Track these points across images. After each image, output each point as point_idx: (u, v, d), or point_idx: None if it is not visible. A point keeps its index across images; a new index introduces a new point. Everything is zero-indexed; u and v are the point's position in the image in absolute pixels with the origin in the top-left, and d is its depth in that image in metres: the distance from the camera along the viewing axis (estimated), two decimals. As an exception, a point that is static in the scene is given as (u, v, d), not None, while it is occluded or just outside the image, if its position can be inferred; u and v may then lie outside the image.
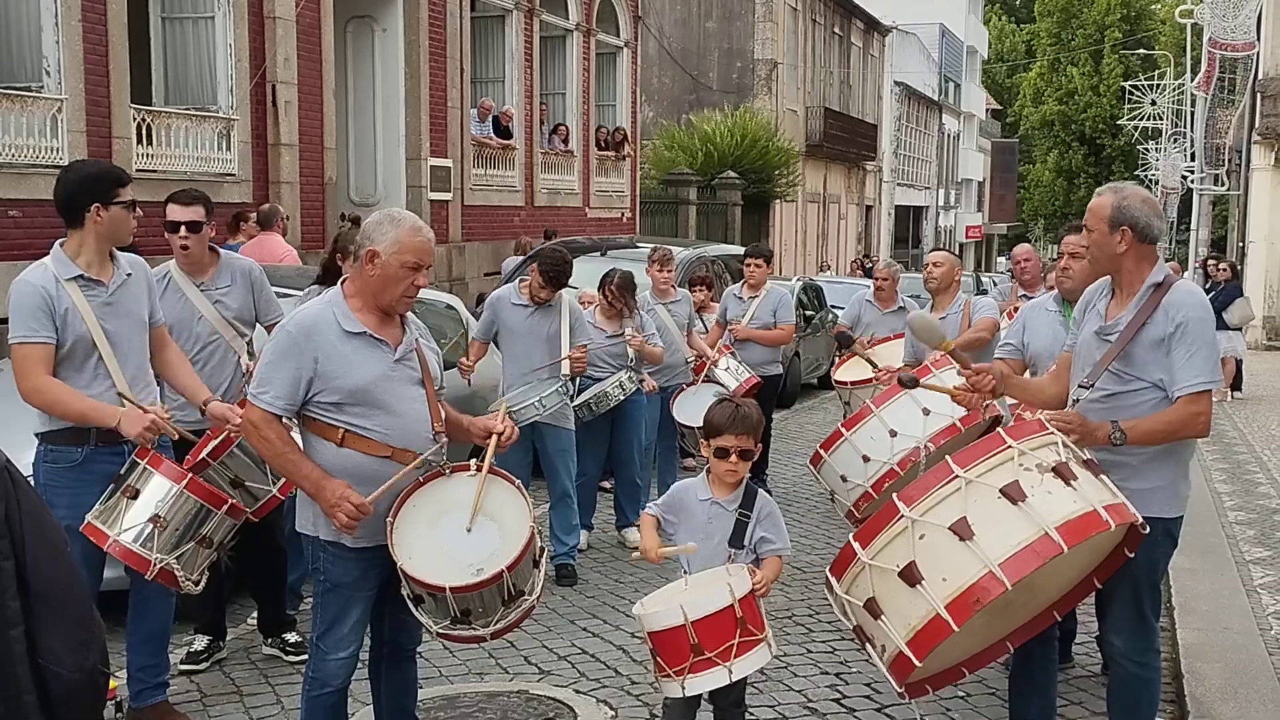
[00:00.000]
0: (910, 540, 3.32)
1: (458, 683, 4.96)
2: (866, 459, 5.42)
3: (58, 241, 4.16)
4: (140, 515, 4.04)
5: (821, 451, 5.57)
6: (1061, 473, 3.37)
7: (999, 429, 3.67)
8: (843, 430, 5.52)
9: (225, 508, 4.23)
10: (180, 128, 11.94)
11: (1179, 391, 3.62)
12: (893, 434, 5.40)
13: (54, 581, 1.99)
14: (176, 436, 4.24)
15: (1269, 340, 24.21)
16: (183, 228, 4.81)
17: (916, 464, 5.25)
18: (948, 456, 3.45)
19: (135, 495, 4.05)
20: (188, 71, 12.70)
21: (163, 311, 4.71)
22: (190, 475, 4.18)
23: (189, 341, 4.81)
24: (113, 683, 2.35)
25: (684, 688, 3.49)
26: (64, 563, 2.05)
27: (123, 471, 4.12)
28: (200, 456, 4.44)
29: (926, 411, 5.36)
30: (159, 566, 4.04)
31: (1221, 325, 15.24)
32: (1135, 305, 3.72)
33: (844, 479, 5.50)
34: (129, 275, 4.23)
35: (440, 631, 3.56)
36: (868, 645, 3.54)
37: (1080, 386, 3.77)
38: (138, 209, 4.22)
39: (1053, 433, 3.50)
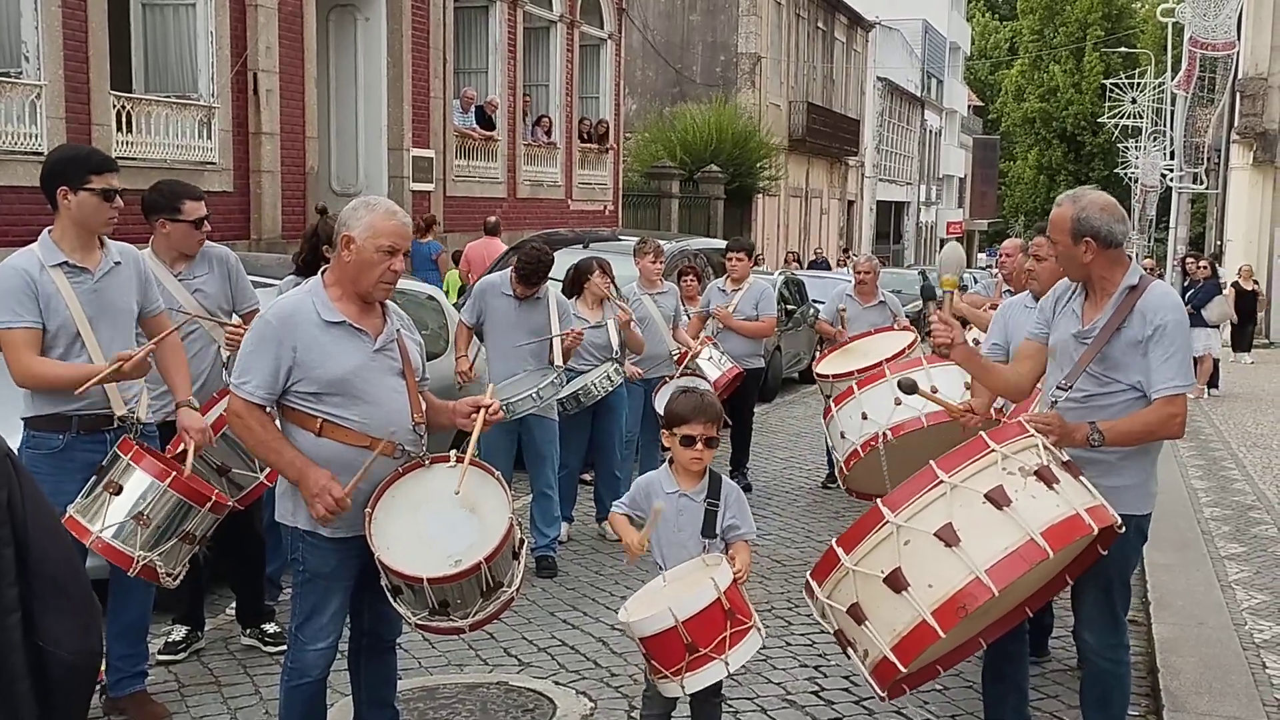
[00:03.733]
0: (895, 546, 3.31)
1: (437, 674, 4.96)
2: (843, 435, 5.84)
3: (46, 229, 4.14)
4: (122, 512, 4.02)
5: (832, 406, 6.06)
6: (1044, 476, 3.38)
7: (980, 433, 3.68)
8: (832, 406, 5.99)
9: (208, 504, 4.22)
10: (160, 115, 11.87)
11: (1156, 393, 3.63)
12: (864, 417, 5.73)
13: (56, 564, 1.98)
14: (185, 396, 4.30)
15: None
16: (205, 223, 4.83)
17: (876, 448, 5.53)
18: (932, 461, 3.44)
19: (118, 491, 4.02)
20: (168, 58, 12.61)
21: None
22: (174, 472, 4.16)
23: None
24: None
25: (684, 687, 3.49)
26: (65, 546, 2.05)
27: (105, 463, 4.09)
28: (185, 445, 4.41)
29: (898, 402, 5.46)
30: (141, 563, 4.02)
31: (1200, 322, 15.34)
32: (1111, 307, 3.74)
33: (843, 435, 5.93)
34: (117, 264, 4.20)
35: (419, 623, 3.55)
36: (849, 649, 3.52)
37: (1058, 388, 3.78)
38: (117, 199, 4.16)
39: (1033, 435, 3.51)
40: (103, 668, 4.39)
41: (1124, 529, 3.50)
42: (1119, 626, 3.91)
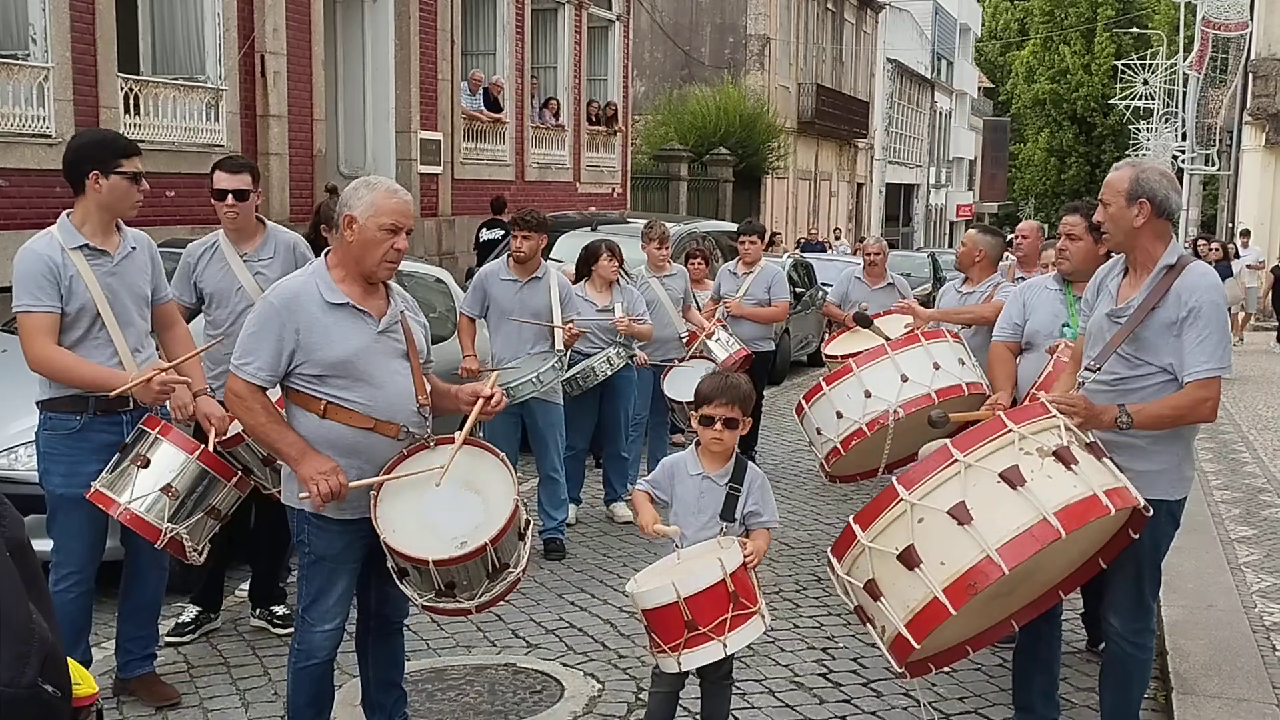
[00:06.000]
0: (909, 524, 3.31)
1: (445, 655, 4.97)
2: (840, 415, 5.52)
3: (65, 211, 4.15)
4: (152, 484, 4.06)
5: (803, 403, 5.72)
6: (1062, 456, 3.34)
7: (999, 412, 3.65)
8: (823, 384, 5.65)
9: (235, 479, 4.26)
10: (168, 98, 11.85)
11: (1189, 377, 3.56)
12: (867, 395, 5.47)
13: None
14: (203, 386, 4.32)
15: (1256, 321, 24.25)
16: (230, 196, 4.82)
17: (885, 427, 5.32)
18: (947, 441, 3.44)
19: (146, 464, 4.06)
20: (175, 41, 12.58)
21: (206, 279, 4.75)
22: (202, 446, 4.20)
23: (226, 311, 4.84)
24: (87, 689, 2.13)
25: (680, 663, 3.51)
26: (5, 568, 1.86)
27: (129, 440, 4.12)
28: (236, 433, 4.40)
29: (904, 378, 5.40)
30: (169, 536, 4.05)
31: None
32: (1147, 287, 3.65)
33: (819, 432, 5.63)
34: (133, 249, 4.22)
35: (425, 604, 3.56)
36: (869, 625, 3.55)
37: (1086, 369, 3.72)
38: (142, 182, 4.19)
39: (1055, 416, 3.47)
40: (110, 650, 4.43)
41: (1151, 513, 3.45)
42: (1146, 612, 3.88)
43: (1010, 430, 3.40)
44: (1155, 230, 3.68)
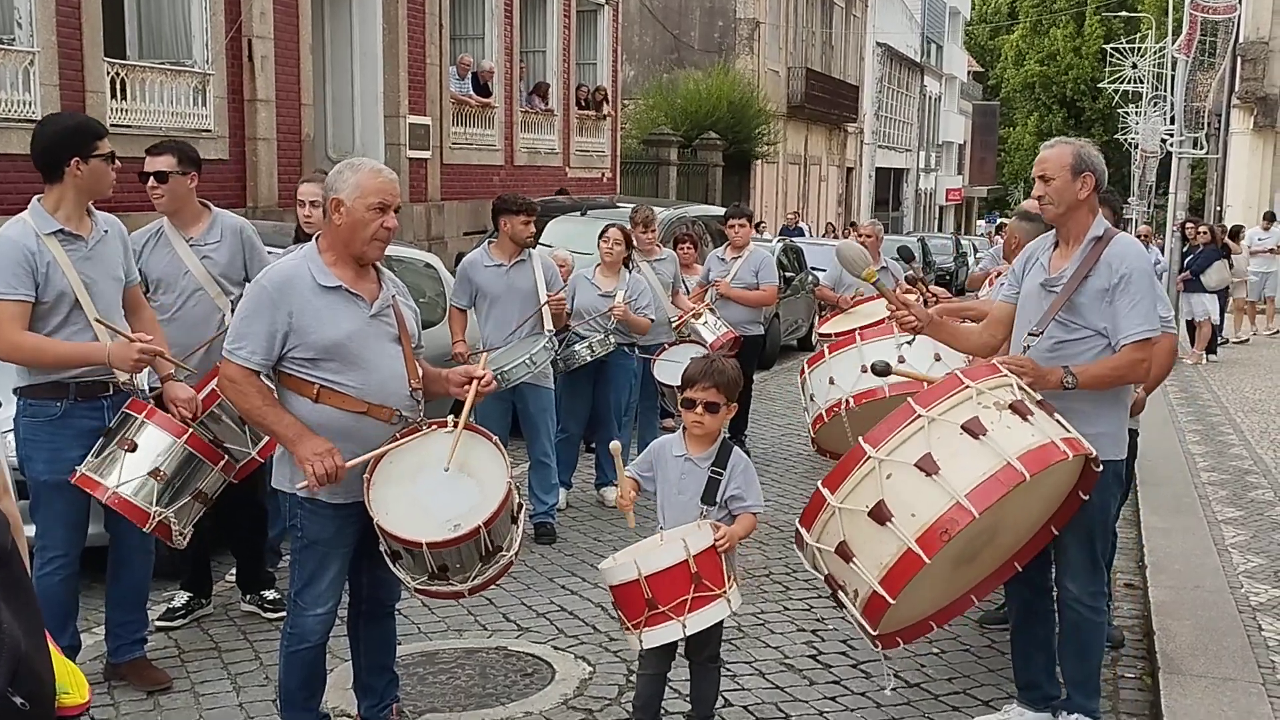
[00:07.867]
0: (878, 480, 3.42)
1: (436, 639, 4.98)
2: (813, 398, 5.95)
3: (36, 197, 4.11)
4: (139, 468, 4.06)
5: (805, 367, 6.16)
6: (1018, 409, 3.52)
7: (954, 370, 3.80)
8: (825, 352, 6.02)
9: (221, 463, 4.27)
10: (155, 82, 11.79)
11: (1123, 340, 3.78)
12: (830, 382, 5.83)
13: None
14: (169, 370, 4.28)
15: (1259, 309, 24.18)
16: (151, 178, 4.79)
17: (838, 414, 5.67)
18: (910, 398, 3.58)
19: (133, 448, 4.06)
20: (162, 25, 12.51)
21: (151, 264, 4.72)
22: (190, 429, 4.20)
23: (174, 295, 4.81)
24: (77, 698, 2.08)
25: (641, 640, 3.58)
26: None
27: (114, 425, 4.12)
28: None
29: (901, 360, 5.47)
30: (157, 519, 4.05)
31: (1199, 288, 15.26)
32: (1078, 257, 3.87)
33: (813, 399, 6.00)
34: (106, 232, 4.21)
35: (418, 587, 3.57)
36: (839, 593, 3.61)
37: (1030, 335, 3.89)
38: (116, 162, 4.17)
39: (1007, 375, 3.65)
40: (101, 635, 4.42)
41: (1101, 468, 3.65)
42: (1099, 574, 4.03)
43: (968, 386, 3.55)
44: (1091, 204, 3.91)
